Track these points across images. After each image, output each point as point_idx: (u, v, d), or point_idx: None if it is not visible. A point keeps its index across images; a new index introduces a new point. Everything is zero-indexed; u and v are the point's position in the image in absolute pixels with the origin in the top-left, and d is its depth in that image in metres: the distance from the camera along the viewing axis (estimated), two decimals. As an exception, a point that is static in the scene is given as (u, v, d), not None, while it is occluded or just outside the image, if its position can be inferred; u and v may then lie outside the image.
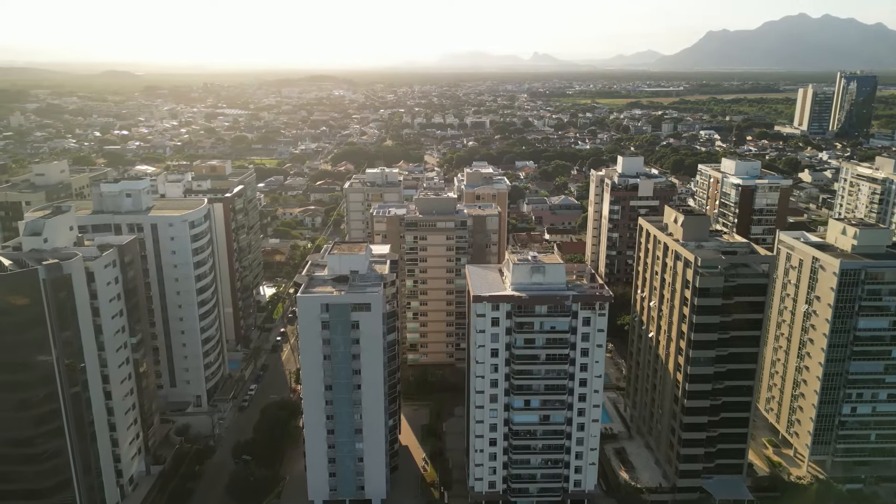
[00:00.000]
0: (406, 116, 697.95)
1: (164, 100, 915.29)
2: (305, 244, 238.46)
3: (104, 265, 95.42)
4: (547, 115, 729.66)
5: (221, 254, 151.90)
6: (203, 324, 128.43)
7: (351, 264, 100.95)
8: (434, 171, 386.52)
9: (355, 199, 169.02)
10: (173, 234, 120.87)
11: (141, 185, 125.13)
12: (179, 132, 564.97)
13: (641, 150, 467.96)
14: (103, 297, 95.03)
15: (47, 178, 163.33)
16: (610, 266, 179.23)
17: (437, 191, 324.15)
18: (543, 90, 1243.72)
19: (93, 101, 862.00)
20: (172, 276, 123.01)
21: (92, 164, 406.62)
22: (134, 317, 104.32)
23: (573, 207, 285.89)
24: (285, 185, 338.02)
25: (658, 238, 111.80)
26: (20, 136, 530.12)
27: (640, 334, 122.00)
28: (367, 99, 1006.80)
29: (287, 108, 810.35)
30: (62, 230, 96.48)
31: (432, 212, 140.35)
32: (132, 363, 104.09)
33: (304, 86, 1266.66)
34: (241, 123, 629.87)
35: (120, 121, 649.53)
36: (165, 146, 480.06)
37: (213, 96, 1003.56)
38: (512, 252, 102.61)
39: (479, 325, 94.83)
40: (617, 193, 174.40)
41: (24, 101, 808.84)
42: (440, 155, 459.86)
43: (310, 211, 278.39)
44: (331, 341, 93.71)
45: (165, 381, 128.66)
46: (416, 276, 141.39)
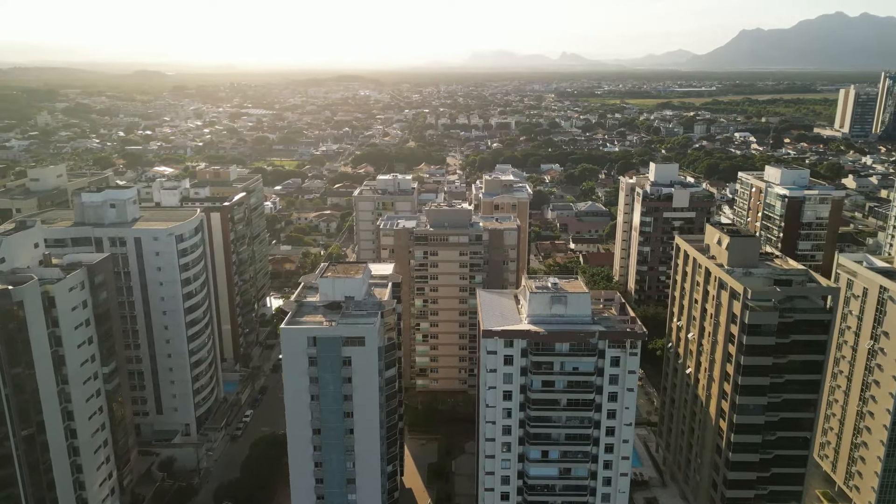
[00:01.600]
0: (430, 117, 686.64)
1: (190, 99, 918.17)
2: (318, 251, 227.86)
3: (69, 288, 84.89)
4: (574, 115, 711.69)
5: (219, 267, 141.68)
6: (192, 346, 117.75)
7: (346, 289, 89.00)
8: (456, 175, 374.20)
9: (365, 209, 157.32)
10: (158, 249, 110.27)
11: (126, 194, 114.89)
12: (202, 132, 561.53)
13: (673, 153, 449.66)
14: (67, 325, 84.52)
15: (42, 184, 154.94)
16: (640, 282, 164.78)
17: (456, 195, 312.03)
18: (571, 90, 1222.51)
19: (121, 100, 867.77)
20: (158, 295, 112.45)
21: (112, 165, 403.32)
22: (107, 344, 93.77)
23: (601, 214, 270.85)
24: (302, 188, 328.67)
25: (698, 261, 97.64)
26: (45, 135, 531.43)
27: (676, 367, 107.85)
28: (393, 99, 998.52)
29: (312, 108, 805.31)
30: (23, 248, 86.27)
31: (444, 225, 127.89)
32: (104, 395, 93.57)
33: (330, 86, 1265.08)
34: (265, 124, 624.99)
35: (145, 120, 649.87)
36: (187, 146, 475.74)
37: (239, 96, 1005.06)
38: (529, 278, 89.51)
39: (489, 363, 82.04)
40: (649, 204, 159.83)
41: (54, 101, 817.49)
42: (463, 157, 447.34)
43: (325, 216, 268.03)
44: (319, 380, 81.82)
45: (151, 409, 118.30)
46: (427, 296, 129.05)
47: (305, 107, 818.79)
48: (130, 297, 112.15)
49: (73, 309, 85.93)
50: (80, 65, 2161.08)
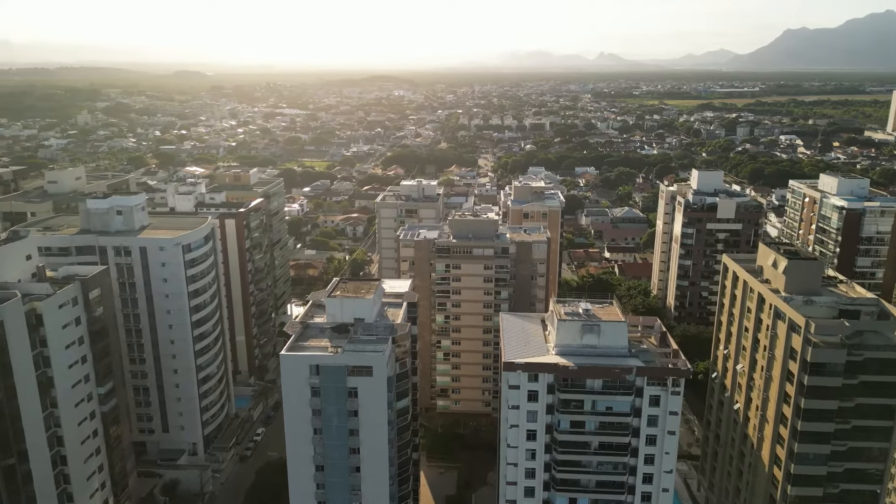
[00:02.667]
0: (463, 118, 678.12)
1: (227, 99, 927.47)
2: (342, 256, 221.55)
3: (59, 304, 78.97)
4: (611, 116, 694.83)
5: (234, 276, 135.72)
6: (201, 361, 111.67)
7: (355, 310, 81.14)
8: (487, 177, 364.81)
9: (387, 216, 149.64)
10: (164, 260, 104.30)
11: (133, 200, 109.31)
12: (236, 132, 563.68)
13: (714, 157, 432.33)
14: (57, 344, 78.63)
15: (60, 186, 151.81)
16: (680, 298, 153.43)
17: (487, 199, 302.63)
18: (608, 90, 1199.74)
19: (160, 100, 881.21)
20: (164, 308, 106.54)
21: (145, 164, 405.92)
22: (103, 363, 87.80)
23: (638, 221, 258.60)
24: (331, 190, 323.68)
25: (750, 285, 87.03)
26: (84, 134, 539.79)
27: (722, 400, 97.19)
28: (426, 99, 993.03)
29: (345, 108, 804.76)
30: (13, 261, 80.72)
31: (468, 236, 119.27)
32: (99, 417, 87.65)
33: (365, 86, 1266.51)
34: (298, 124, 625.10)
35: (181, 120, 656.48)
36: (220, 146, 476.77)
37: (275, 96, 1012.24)
38: (558, 301, 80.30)
39: (512, 399, 73.20)
40: (691, 214, 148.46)
41: (96, 100, 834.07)
42: (495, 159, 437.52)
43: (352, 219, 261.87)
44: (322, 412, 74.08)
45: (157, 426, 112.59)
46: (448, 311, 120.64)
47: (339, 107, 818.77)
48: (136, 309, 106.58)
49: (64, 327, 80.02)
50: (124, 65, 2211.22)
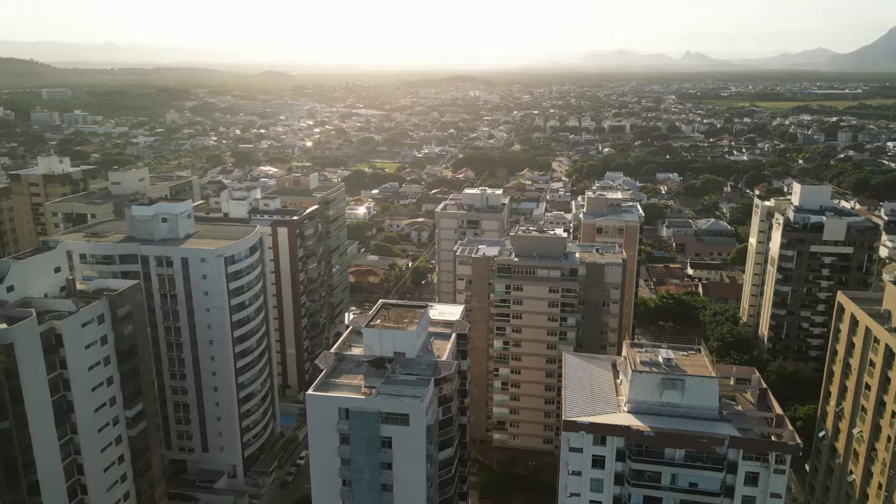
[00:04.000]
0: (538, 119, 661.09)
1: (307, 99, 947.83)
2: (405, 263, 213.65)
3: (82, 323, 73.51)
4: (697, 119, 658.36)
5: (285, 286, 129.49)
6: (242, 378, 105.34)
7: (395, 343, 71.43)
8: (561, 182, 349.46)
9: (447, 227, 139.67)
10: (206, 272, 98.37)
11: (178, 208, 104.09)
12: (313, 132, 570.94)
13: (812, 164, 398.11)
14: (78, 365, 73.21)
15: (123, 188, 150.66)
16: (776, 329, 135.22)
17: (559, 205, 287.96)
18: (694, 91, 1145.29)
19: (244, 99, 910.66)
20: (204, 322, 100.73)
21: (223, 163, 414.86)
22: (132, 384, 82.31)
23: (725, 234, 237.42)
24: (399, 193, 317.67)
25: (874, 333, 71.08)
26: (170, 132, 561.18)
27: (831, 467, 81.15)
28: (502, 100, 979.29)
29: (420, 108, 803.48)
30: (39, 274, 75.85)
31: (533, 254, 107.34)
32: (126, 442, 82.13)
33: (442, 86, 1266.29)
34: (373, 124, 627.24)
35: (262, 119, 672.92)
36: (295, 146, 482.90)
37: (353, 96, 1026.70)
38: (633, 346, 67.60)
39: (573, 463, 61.34)
40: (792, 234, 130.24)
41: (185, 99, 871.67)
42: (570, 162, 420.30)
43: (417, 224, 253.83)
44: (352, 463, 64.79)
45: (197, 445, 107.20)
46: (508, 337, 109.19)
47: (414, 107, 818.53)
48: (177, 322, 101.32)
49: (87, 346, 74.57)
50: (216, 65, 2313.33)
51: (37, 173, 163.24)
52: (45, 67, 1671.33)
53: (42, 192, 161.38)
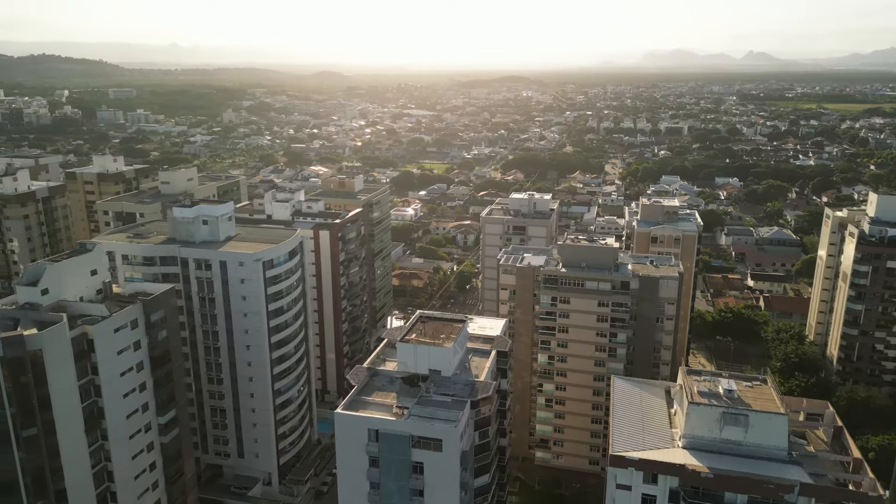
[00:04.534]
0: (592, 120, 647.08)
1: (360, 99, 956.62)
2: (451, 267, 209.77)
3: (114, 328, 72.26)
4: (759, 121, 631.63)
5: (326, 291, 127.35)
6: (279, 385, 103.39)
7: (431, 360, 67.37)
8: (614, 185, 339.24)
9: (492, 232, 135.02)
10: (244, 276, 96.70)
11: (219, 210, 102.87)
12: (364, 132, 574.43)
13: (885, 170, 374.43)
14: (110, 372, 71.96)
15: (172, 187, 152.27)
16: (846, 349, 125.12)
17: (612, 210, 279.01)
18: (756, 92, 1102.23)
19: (298, 99, 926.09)
20: (241, 327, 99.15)
21: (275, 162, 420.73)
22: (165, 390, 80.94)
23: (789, 244, 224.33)
24: (446, 195, 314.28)
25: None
26: (226, 131, 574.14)
27: (912, 512, 72.76)
28: (555, 100, 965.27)
29: (471, 109, 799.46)
30: (75, 277, 75.08)
31: (581, 265, 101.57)
32: (158, 449, 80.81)
33: (494, 86, 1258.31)
34: (423, 125, 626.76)
35: (315, 119, 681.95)
36: (346, 146, 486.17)
37: (405, 96, 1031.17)
38: (689, 373, 61.54)
39: (620, 502, 55.85)
40: (867, 248, 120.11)
41: (242, 99, 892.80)
42: (624, 165, 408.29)
43: (464, 227, 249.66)
44: (381, 487, 61.10)
45: (232, 451, 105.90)
46: (553, 352, 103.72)
47: (465, 108, 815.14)
48: (214, 326, 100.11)
49: (119, 352, 73.32)
50: (274, 66, 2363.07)
51: (92, 172, 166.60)
52: (113, 68, 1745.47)
53: (96, 190, 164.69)
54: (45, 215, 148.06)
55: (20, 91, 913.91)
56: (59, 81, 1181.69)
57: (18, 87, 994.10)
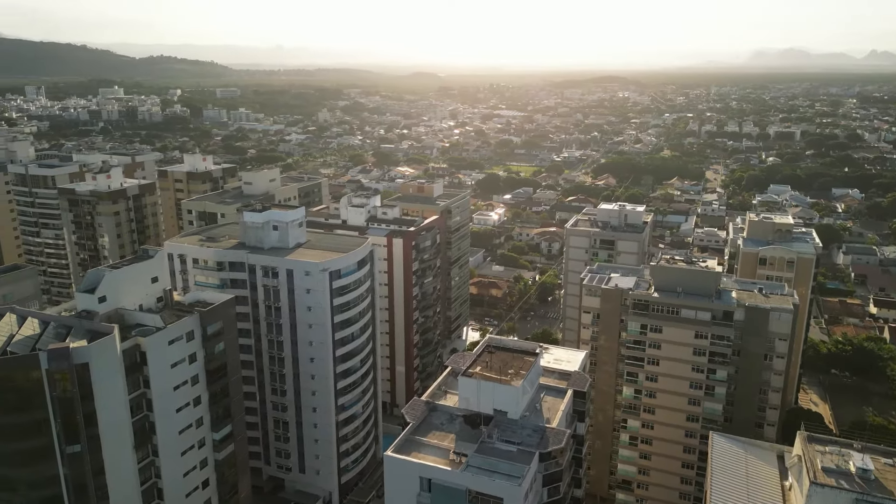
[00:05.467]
0: (693, 123, 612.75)
1: (451, 100, 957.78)
2: (532, 276, 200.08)
3: (168, 340, 69.23)
4: (883, 126, 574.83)
5: (397, 301, 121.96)
6: (343, 400, 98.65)
7: (496, 399, 59.50)
8: (715, 193, 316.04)
9: (577, 245, 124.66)
10: (310, 286, 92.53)
11: (290, 215, 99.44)
12: (452, 133, 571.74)
13: None
14: (162, 385, 69.03)
15: (254, 188, 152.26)
16: None
17: (712, 220, 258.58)
18: (880, 94, 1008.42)
19: (391, 99, 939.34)
20: (306, 339, 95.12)
21: (364, 162, 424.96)
22: (221, 405, 77.63)
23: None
24: (532, 199, 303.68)
25: None
26: (320, 130, 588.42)
27: None
28: (653, 101, 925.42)
29: (563, 110, 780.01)
30: (135, 284, 72.83)
31: (677, 289, 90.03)
32: (212, 466, 77.59)
33: (588, 87, 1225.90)
34: (513, 126, 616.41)
35: (406, 119, 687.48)
36: (434, 147, 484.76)
37: (496, 97, 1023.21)
38: (810, 440, 50.17)
39: None
40: None
41: (338, 99, 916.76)
42: (727, 172, 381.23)
43: (548, 234, 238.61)
44: (432, 543, 53.79)
45: (294, 465, 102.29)
46: (640, 385, 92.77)
47: (557, 109, 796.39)
48: (280, 336, 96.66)
49: (173, 365, 70.30)
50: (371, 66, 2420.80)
51: (181, 170, 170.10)
52: (222, 68, 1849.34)
53: (185, 188, 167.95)
54: (134, 212, 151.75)
55: (138, 90, 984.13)
56: (174, 81, 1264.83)
57: (137, 87, 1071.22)
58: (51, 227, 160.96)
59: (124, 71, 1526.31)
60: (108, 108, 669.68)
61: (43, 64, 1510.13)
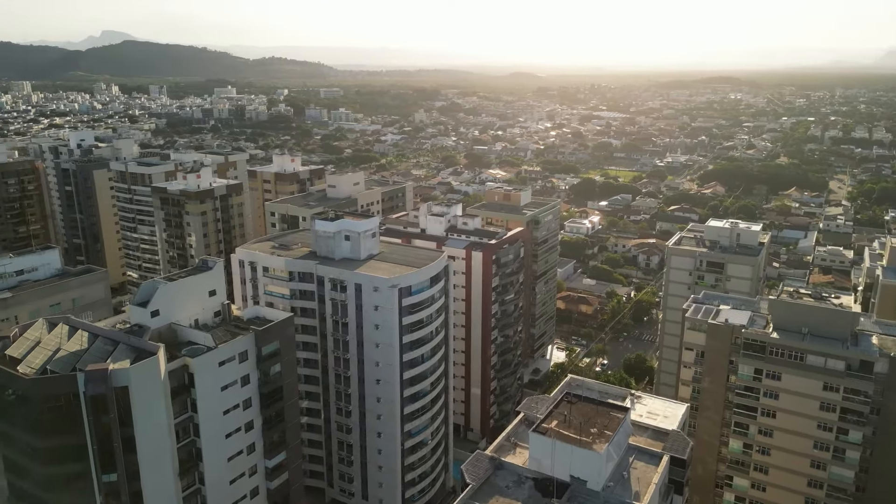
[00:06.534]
0: (815, 128, 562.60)
1: (549, 101, 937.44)
2: (627, 293, 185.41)
3: (219, 361, 64.40)
4: None
5: (475, 320, 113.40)
6: (410, 426, 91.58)
7: (574, 464, 49.62)
8: (840, 207, 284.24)
9: (679, 267, 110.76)
10: (378, 303, 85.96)
11: (363, 225, 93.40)
12: (548, 135, 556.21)
13: None
14: (211, 409, 64.39)
15: (338, 191, 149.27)
16: None
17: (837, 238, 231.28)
18: None
19: (488, 100, 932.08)
20: (372, 358, 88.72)
21: (456, 164, 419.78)
22: (275, 431, 72.34)
23: None
24: (630, 207, 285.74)
25: None
26: (415, 131, 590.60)
27: None
28: (769, 104, 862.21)
29: (669, 112, 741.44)
30: (191, 297, 68.70)
31: (802, 329, 75.70)
32: (264, 495, 72.43)
33: (696, 88, 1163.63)
34: (613, 128, 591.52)
35: (501, 120, 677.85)
36: (528, 149, 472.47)
37: (597, 98, 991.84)
38: None
39: None
40: None
41: (434, 99, 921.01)
42: (854, 183, 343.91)
43: (647, 246, 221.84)
44: None
45: (357, 491, 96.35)
46: (752, 439, 79.16)
47: (662, 111, 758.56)
48: (346, 353, 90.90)
49: (224, 388, 65.48)
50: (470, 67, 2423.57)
51: (270, 171, 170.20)
52: (328, 69, 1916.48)
53: (273, 189, 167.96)
54: (221, 212, 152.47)
55: (249, 90, 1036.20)
56: (282, 81, 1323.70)
57: (248, 87, 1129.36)
58: (146, 223, 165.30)
59: (239, 72, 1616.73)
60: (219, 107, 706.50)
61: (167, 65, 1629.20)
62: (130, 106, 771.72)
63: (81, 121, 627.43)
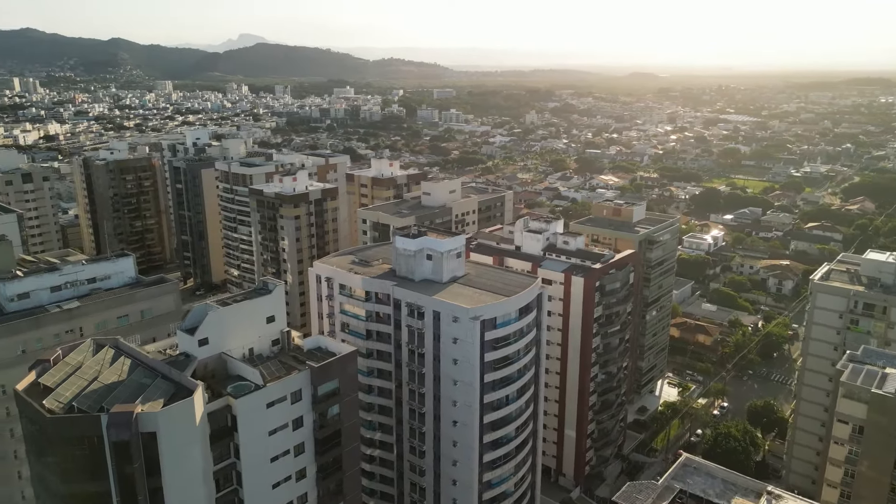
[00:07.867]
0: None
1: (671, 102, 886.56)
2: (754, 322, 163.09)
3: (267, 402, 56.62)
4: None
5: (572, 354, 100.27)
6: (491, 476, 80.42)
7: None
8: None
9: (827, 307, 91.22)
10: (457, 335, 75.52)
11: (447, 244, 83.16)
12: (668, 139, 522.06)
13: None
14: (257, 456, 56.74)
15: (433, 199, 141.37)
16: None
17: None
18: None
19: (604, 101, 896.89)
20: (450, 396, 78.38)
21: (565, 169, 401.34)
22: (332, 479, 63.80)
23: None
24: (760, 222, 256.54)
25: None
26: (525, 133, 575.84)
27: None
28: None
29: (807, 116, 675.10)
30: (246, 323, 61.56)
31: None
32: (314, 549, 64.15)
33: (841, 89, 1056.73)
34: (741, 133, 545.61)
35: (617, 123, 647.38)
36: (645, 154, 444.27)
37: (724, 99, 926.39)
38: None
39: None
40: None
41: (547, 100, 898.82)
42: None
43: (779, 269, 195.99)
44: None
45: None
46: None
47: (799, 115, 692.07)
48: (422, 387, 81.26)
49: (272, 432, 57.64)
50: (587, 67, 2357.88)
51: (367, 175, 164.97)
52: (443, 70, 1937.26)
53: (370, 193, 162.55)
54: (315, 217, 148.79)
55: (367, 90, 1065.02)
56: (399, 82, 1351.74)
57: (367, 87, 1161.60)
58: (245, 224, 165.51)
59: (359, 72, 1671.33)
60: (335, 107, 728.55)
61: (294, 66, 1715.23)
62: (256, 105, 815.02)
63: (211, 118, 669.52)
